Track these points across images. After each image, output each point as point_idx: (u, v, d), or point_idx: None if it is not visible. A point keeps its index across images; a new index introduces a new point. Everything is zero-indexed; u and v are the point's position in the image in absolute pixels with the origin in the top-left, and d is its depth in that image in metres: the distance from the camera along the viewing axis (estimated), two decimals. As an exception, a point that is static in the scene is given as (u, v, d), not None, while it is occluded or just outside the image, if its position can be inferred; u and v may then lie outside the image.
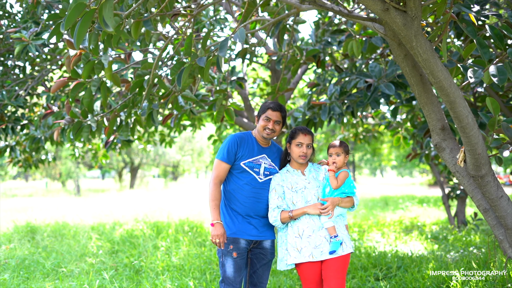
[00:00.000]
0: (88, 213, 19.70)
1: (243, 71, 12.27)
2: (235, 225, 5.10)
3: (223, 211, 5.22)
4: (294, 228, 4.94)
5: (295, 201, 4.97)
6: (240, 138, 5.21)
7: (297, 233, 4.90)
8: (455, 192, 14.14)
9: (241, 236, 5.07)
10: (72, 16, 3.32)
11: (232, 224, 5.11)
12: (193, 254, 9.82)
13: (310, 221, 4.90)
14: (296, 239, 4.90)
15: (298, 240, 4.90)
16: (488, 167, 4.65)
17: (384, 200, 27.43)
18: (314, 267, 4.90)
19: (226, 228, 5.10)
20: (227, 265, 5.02)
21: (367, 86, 7.07)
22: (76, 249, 10.74)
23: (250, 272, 5.24)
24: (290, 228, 4.98)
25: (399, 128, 11.24)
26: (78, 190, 40.45)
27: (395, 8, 3.99)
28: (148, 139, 14.56)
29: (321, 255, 4.84)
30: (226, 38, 4.65)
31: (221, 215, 5.15)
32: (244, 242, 5.09)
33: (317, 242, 4.85)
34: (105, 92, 6.03)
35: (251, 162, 5.17)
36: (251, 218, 5.12)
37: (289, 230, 4.98)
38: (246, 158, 5.17)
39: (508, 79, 4.39)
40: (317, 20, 9.27)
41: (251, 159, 5.18)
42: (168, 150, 45.47)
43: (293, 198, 4.98)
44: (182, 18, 8.53)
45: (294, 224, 4.94)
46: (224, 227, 5.08)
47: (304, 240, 4.88)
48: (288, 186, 5.01)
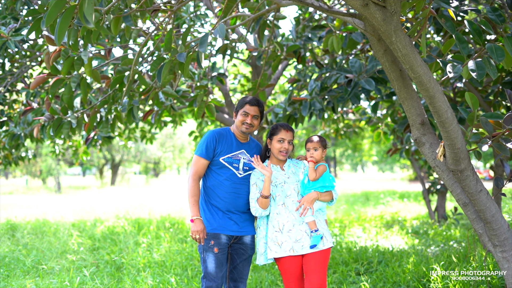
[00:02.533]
0: (69, 210, 19.61)
1: (224, 67, 12.25)
2: (215, 221, 5.08)
3: (203, 207, 5.21)
4: (274, 222, 4.95)
5: (275, 195, 4.99)
6: (218, 134, 5.21)
7: (278, 228, 4.91)
8: (435, 187, 14.24)
9: (222, 231, 5.06)
10: (52, 12, 3.29)
11: (212, 220, 5.09)
12: (175, 250, 9.81)
13: (291, 215, 4.91)
14: (277, 233, 4.91)
15: (278, 235, 4.90)
16: (467, 161, 4.68)
17: (365, 195, 27.53)
18: (295, 261, 4.90)
19: (207, 223, 5.08)
20: (208, 260, 5.01)
21: (347, 81, 7.09)
22: (57, 246, 10.68)
23: (230, 267, 5.24)
24: (270, 222, 4.98)
25: (379, 123, 11.29)
26: (59, 187, 40.20)
27: (375, 3, 4.00)
28: (129, 136, 14.51)
29: (301, 249, 4.85)
30: (206, 33, 4.64)
31: (201, 211, 5.16)
32: (225, 237, 5.09)
33: (297, 236, 4.86)
34: (85, 88, 6.00)
35: (230, 158, 5.17)
36: (232, 213, 5.11)
37: (269, 224, 4.99)
38: (225, 153, 5.18)
39: (486, 74, 4.43)
40: (298, 16, 9.27)
41: (230, 154, 5.18)
42: (149, 146, 45.39)
43: (273, 193, 4.99)
44: (163, 14, 8.50)
45: (274, 219, 4.94)
46: (205, 223, 5.09)
47: (284, 235, 4.88)
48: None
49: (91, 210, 19.10)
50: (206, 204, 5.20)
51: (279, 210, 4.98)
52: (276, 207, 4.99)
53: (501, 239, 4.84)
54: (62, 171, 46.69)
